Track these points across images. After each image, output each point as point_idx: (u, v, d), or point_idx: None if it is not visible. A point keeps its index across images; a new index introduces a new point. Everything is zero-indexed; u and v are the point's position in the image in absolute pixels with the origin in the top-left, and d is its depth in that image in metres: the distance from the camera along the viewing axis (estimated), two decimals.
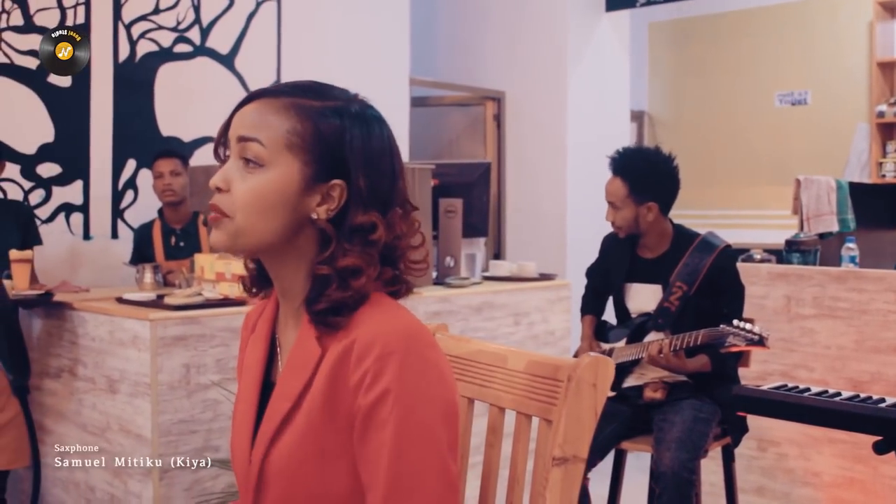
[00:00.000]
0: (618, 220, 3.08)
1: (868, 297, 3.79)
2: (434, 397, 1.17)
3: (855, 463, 3.81)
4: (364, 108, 1.28)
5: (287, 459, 1.22)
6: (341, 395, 1.19)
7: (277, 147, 1.22)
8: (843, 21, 6.94)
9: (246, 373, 1.35)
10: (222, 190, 1.23)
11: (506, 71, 6.48)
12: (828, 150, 6.93)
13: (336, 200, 1.23)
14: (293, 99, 1.24)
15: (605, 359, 1.25)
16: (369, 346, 1.16)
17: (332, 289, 1.20)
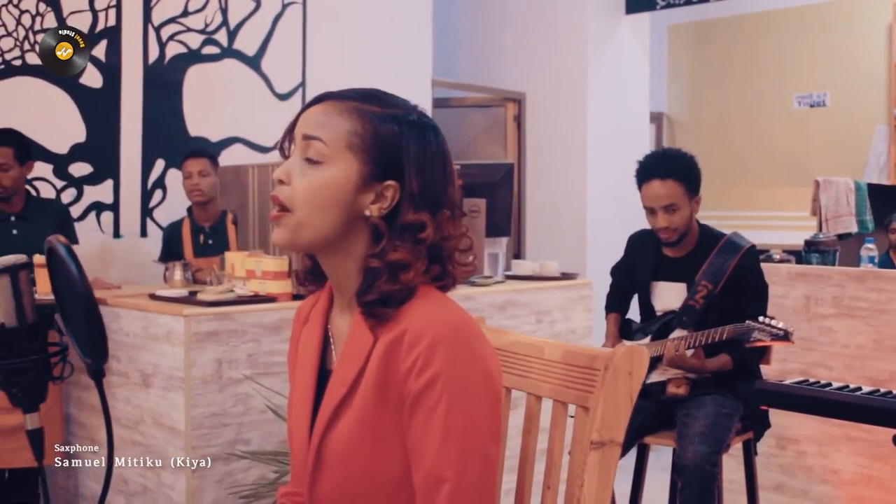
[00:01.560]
0: (676, 221, 3.05)
1: (887, 296, 3.84)
2: (479, 385, 1.25)
3: (874, 461, 3.86)
4: (421, 118, 1.36)
5: (343, 442, 1.29)
6: (392, 381, 1.26)
7: (338, 146, 1.30)
8: (862, 23, 6.97)
9: (301, 361, 1.43)
10: (283, 182, 1.31)
11: (526, 72, 6.54)
12: (846, 152, 6.96)
13: (389, 200, 1.31)
14: (356, 103, 1.33)
15: (640, 348, 1.32)
16: (420, 335, 1.24)
17: (382, 281, 1.28)
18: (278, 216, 1.31)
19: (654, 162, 3.11)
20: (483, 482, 1.24)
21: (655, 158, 3.13)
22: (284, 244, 1.33)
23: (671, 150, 3.20)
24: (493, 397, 1.27)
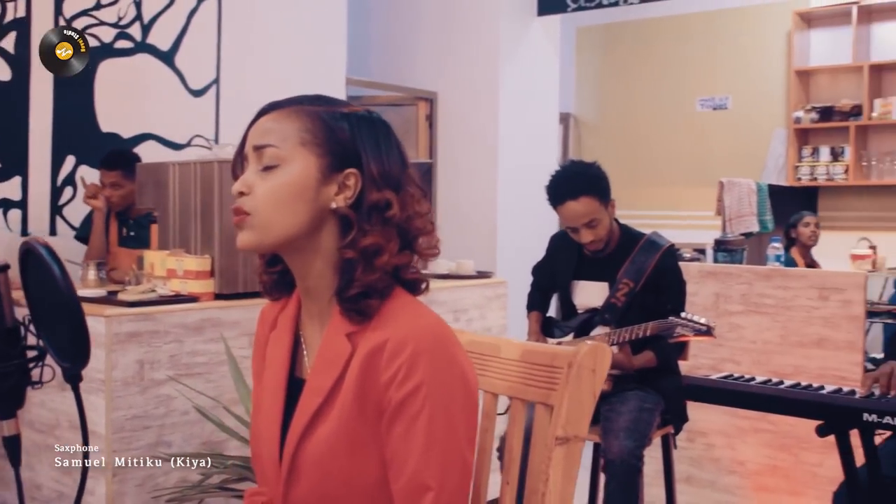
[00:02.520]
0: (599, 232, 3.10)
1: (792, 293, 4.00)
2: (459, 393, 1.27)
3: (778, 451, 4.02)
4: (368, 112, 1.38)
5: (320, 451, 1.29)
6: (371, 390, 1.27)
7: (291, 145, 1.31)
8: (762, 30, 7.23)
9: (270, 368, 1.42)
10: (244, 193, 1.31)
11: (439, 72, 6.57)
12: (747, 154, 7.20)
13: (352, 189, 1.31)
14: (300, 106, 1.34)
15: (603, 346, 1.36)
16: (402, 345, 1.25)
17: (360, 272, 1.29)
18: (241, 219, 1.31)
19: (563, 184, 3.12)
20: (462, 488, 1.27)
21: (563, 180, 3.14)
22: (251, 247, 1.32)
23: (575, 167, 3.20)
24: (472, 405, 1.29)
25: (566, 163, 3.25)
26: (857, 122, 6.68)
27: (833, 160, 6.84)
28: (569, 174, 3.14)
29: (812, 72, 7.06)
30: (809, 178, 6.94)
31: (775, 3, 7.11)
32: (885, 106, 6.60)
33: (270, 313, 1.48)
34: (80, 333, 1.16)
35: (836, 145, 6.84)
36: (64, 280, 1.16)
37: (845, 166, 6.75)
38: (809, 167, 6.94)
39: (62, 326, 1.18)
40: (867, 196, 6.75)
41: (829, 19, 6.93)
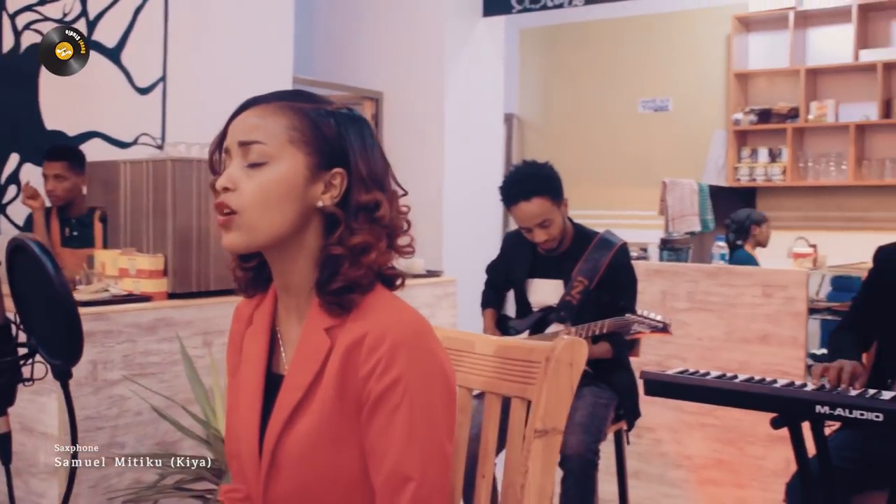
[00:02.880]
0: (552, 232, 3.14)
1: (737, 291, 4.10)
2: (438, 386, 1.29)
3: (724, 445, 4.12)
4: (350, 110, 1.39)
5: (301, 445, 1.30)
6: (351, 383, 1.29)
7: (279, 143, 1.31)
8: (702, 33, 7.37)
9: (247, 364, 1.42)
10: (230, 189, 1.30)
11: (384, 72, 6.58)
12: (687, 155, 7.33)
13: (338, 188, 1.32)
14: (285, 102, 1.34)
15: (580, 340, 1.40)
16: (381, 338, 1.27)
17: (346, 268, 1.30)
18: (227, 220, 1.30)
19: (515, 185, 3.17)
20: (442, 479, 1.29)
21: (516, 181, 3.18)
22: (239, 247, 1.32)
23: (527, 168, 3.24)
24: (450, 397, 1.31)
25: (519, 163, 3.28)
26: (794, 124, 6.84)
27: (771, 161, 7.00)
28: (521, 175, 3.18)
29: (750, 75, 7.21)
30: (748, 178, 7.09)
31: (715, 8, 7.25)
32: (820, 109, 6.78)
33: (245, 310, 1.48)
34: (74, 329, 1.16)
35: (774, 147, 7.00)
36: (58, 276, 1.15)
37: (783, 167, 6.91)
38: (748, 168, 7.10)
39: (54, 323, 1.17)
40: (804, 196, 6.92)
41: (767, 24, 7.08)
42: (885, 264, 2.79)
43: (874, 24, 6.71)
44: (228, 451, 1.46)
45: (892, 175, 6.49)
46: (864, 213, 6.70)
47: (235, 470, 1.46)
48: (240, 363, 1.46)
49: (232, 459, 1.46)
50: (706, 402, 2.51)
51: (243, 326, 1.47)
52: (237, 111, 1.36)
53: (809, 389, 2.28)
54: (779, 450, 3.95)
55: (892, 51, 6.51)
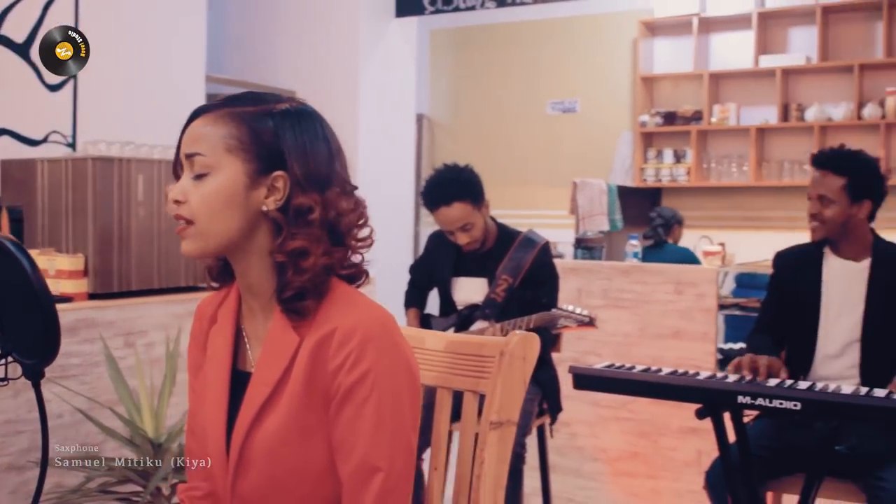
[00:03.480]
0: (475, 234, 3.21)
1: (650, 288, 4.23)
2: (404, 379, 1.34)
3: (638, 438, 4.24)
4: (294, 106, 1.41)
5: (270, 441, 1.33)
6: (319, 378, 1.32)
7: (218, 153, 1.35)
8: (609, 37, 7.53)
9: (212, 362, 1.44)
10: (180, 201, 1.35)
11: (297, 70, 6.55)
12: (595, 156, 7.49)
13: (281, 191, 1.35)
14: (228, 108, 1.38)
15: (533, 335, 1.45)
16: (351, 333, 1.31)
17: (290, 274, 1.34)
18: (183, 228, 1.35)
19: (436, 190, 3.23)
20: (408, 470, 1.33)
21: (436, 187, 3.24)
22: (194, 254, 1.36)
23: (447, 173, 3.28)
24: (416, 390, 1.36)
25: (439, 168, 3.32)
26: (698, 126, 7.06)
27: (676, 162, 7.21)
28: (441, 181, 3.23)
29: (656, 78, 7.41)
30: (654, 179, 7.28)
31: (622, 13, 7.41)
32: (723, 112, 7.01)
33: (208, 308, 1.50)
34: (52, 328, 1.16)
35: (679, 148, 7.21)
36: (35, 274, 1.15)
37: (687, 168, 7.12)
38: (654, 169, 7.29)
39: (29, 322, 1.17)
40: (708, 196, 7.15)
41: (672, 29, 7.28)
42: (782, 269, 2.94)
43: (773, 31, 6.97)
44: (189, 449, 1.48)
45: (791, 176, 6.75)
46: (765, 213, 6.95)
47: (195, 468, 1.47)
48: (203, 361, 1.47)
49: (191, 457, 1.47)
50: (633, 395, 2.60)
51: (206, 324, 1.49)
52: (189, 120, 1.39)
53: (731, 381, 2.38)
54: (690, 441, 4.09)
55: (789, 57, 6.77)
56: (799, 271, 2.87)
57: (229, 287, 1.48)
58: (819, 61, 6.66)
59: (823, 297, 2.81)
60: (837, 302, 2.79)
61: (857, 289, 2.77)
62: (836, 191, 2.74)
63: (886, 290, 2.72)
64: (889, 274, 2.73)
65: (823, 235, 2.78)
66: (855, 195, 2.74)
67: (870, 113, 6.46)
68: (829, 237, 2.79)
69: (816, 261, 2.85)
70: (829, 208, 2.75)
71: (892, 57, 6.44)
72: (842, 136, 6.49)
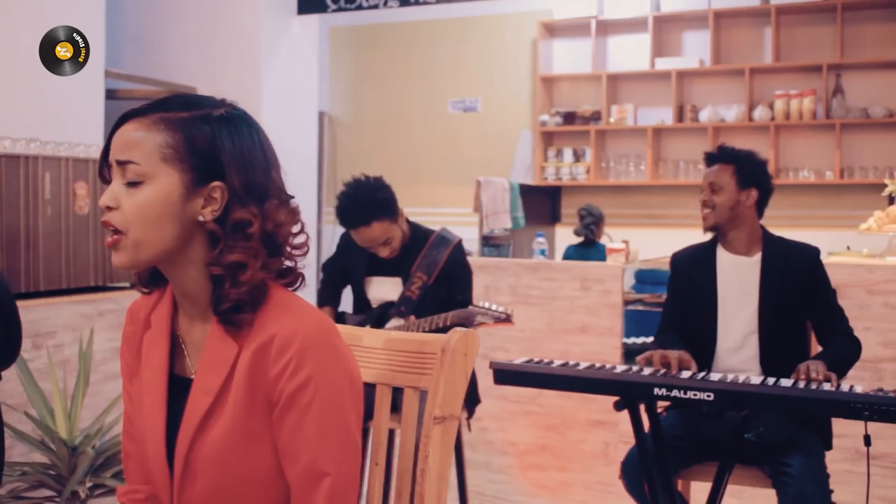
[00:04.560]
0: (393, 244, 3.27)
1: (557, 285, 4.32)
2: (346, 382, 1.35)
3: (547, 431, 4.34)
4: (230, 111, 1.39)
5: (215, 449, 1.33)
6: (260, 385, 1.33)
7: (153, 162, 1.31)
8: (509, 37, 7.64)
9: (148, 368, 1.42)
10: (112, 208, 1.32)
11: (198, 67, 6.45)
12: (496, 154, 7.59)
13: (218, 201, 1.34)
14: (161, 114, 1.34)
15: (473, 332, 1.49)
16: (289, 340, 1.31)
17: (227, 287, 1.32)
18: (115, 240, 1.32)
19: (352, 212, 3.23)
20: (355, 472, 1.35)
21: (352, 209, 3.23)
22: (126, 265, 1.33)
23: (362, 193, 3.25)
24: (358, 392, 1.37)
25: (351, 184, 3.26)
26: (597, 126, 7.22)
27: (575, 161, 7.36)
28: (358, 203, 3.20)
29: (555, 79, 7.55)
30: (555, 177, 7.42)
31: (521, 13, 7.53)
32: (620, 112, 7.19)
33: (140, 311, 1.48)
34: (14, 331, 1.13)
35: (578, 147, 7.36)
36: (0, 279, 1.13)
37: (587, 167, 7.28)
38: (554, 167, 7.43)
39: None
40: (606, 195, 7.32)
41: (571, 30, 7.44)
42: (679, 269, 3.06)
43: (668, 34, 7.18)
44: (126, 451, 1.47)
45: (686, 175, 6.98)
46: (662, 211, 7.17)
47: (133, 470, 1.46)
48: (137, 365, 1.46)
49: (129, 460, 1.46)
50: (553, 389, 2.67)
51: (139, 328, 1.46)
52: (118, 123, 1.35)
53: (647, 374, 2.47)
54: (597, 434, 4.21)
55: (684, 60, 6.99)
56: (695, 270, 2.99)
57: (162, 290, 1.46)
58: (712, 64, 6.90)
59: (720, 292, 2.93)
60: (733, 296, 2.92)
61: (751, 282, 2.90)
62: (725, 178, 2.90)
63: (778, 281, 2.86)
64: (779, 266, 2.87)
65: (714, 222, 2.90)
66: (742, 182, 2.89)
67: (760, 115, 6.72)
68: (720, 223, 2.91)
69: (710, 258, 2.98)
70: (718, 194, 2.89)
71: (780, 62, 6.72)
72: (734, 137, 6.76)
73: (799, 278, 2.85)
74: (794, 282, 2.85)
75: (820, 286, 2.87)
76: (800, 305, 2.85)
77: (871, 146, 6.60)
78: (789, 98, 6.66)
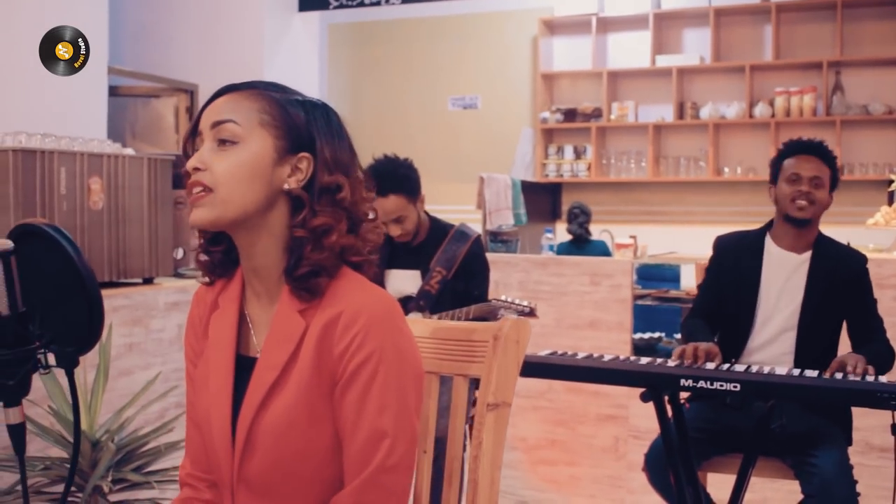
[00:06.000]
0: (407, 226, 3.25)
1: (567, 280, 4.33)
2: (409, 363, 1.37)
3: (556, 426, 4.35)
4: (321, 102, 1.46)
5: (277, 424, 1.34)
6: (326, 361, 1.34)
7: (251, 124, 1.36)
8: (509, 35, 7.65)
9: (215, 348, 1.44)
10: (199, 169, 1.35)
11: (199, 63, 6.46)
12: (496, 151, 7.60)
13: (304, 172, 1.38)
14: (259, 89, 1.40)
15: (525, 320, 1.50)
16: (356, 317, 1.33)
17: (309, 250, 1.35)
18: (200, 196, 1.34)
19: (373, 181, 3.24)
20: (411, 449, 1.36)
21: (374, 177, 3.26)
22: (208, 223, 1.36)
23: (385, 165, 3.31)
24: (419, 375, 1.40)
25: (379, 158, 3.35)
26: (598, 123, 7.25)
27: (576, 158, 7.38)
28: (378, 172, 3.24)
29: (556, 76, 7.57)
30: (556, 174, 7.44)
31: (522, 10, 7.54)
32: (621, 109, 7.21)
33: (207, 295, 1.50)
34: (96, 314, 1.14)
35: (579, 144, 7.38)
36: (80, 259, 1.13)
37: (588, 164, 7.31)
38: (555, 164, 7.45)
39: (71, 308, 1.15)
40: (607, 191, 7.35)
41: (571, 28, 7.45)
42: (723, 253, 3.05)
43: (668, 31, 7.21)
44: (190, 437, 1.48)
45: (686, 172, 7.00)
46: (663, 208, 7.19)
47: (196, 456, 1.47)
48: (201, 348, 1.48)
49: (192, 445, 1.48)
50: (578, 381, 2.69)
51: (206, 311, 1.48)
52: (212, 98, 1.41)
53: (672, 365, 2.49)
54: (608, 428, 4.22)
55: (684, 57, 7.02)
56: (742, 255, 2.98)
57: (228, 277, 1.48)
58: (712, 61, 6.93)
59: (763, 283, 2.92)
60: (777, 290, 2.91)
61: (797, 280, 2.89)
62: (826, 177, 2.89)
63: (824, 283, 2.86)
64: (827, 268, 2.88)
65: (811, 215, 2.86)
66: (832, 186, 2.91)
67: (760, 112, 6.75)
68: (813, 218, 2.88)
69: (757, 248, 2.97)
70: (820, 191, 2.87)
71: (780, 59, 6.75)
72: (734, 134, 6.79)
73: (845, 283, 2.86)
74: (839, 285, 2.86)
75: (864, 293, 2.89)
76: (841, 309, 2.87)
77: (871, 143, 6.64)
78: (790, 95, 6.70)
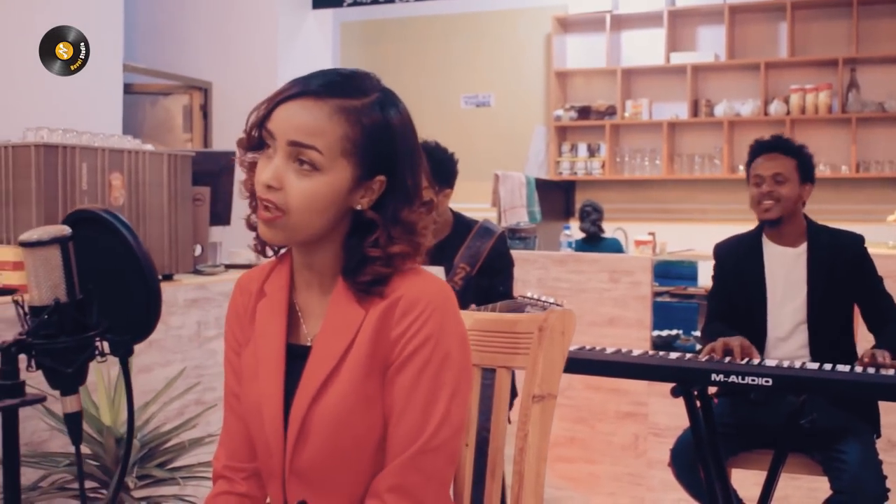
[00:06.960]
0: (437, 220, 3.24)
1: (586, 277, 4.32)
2: (462, 351, 1.37)
3: (575, 424, 4.34)
4: (392, 94, 1.40)
5: (332, 413, 1.33)
6: (382, 347, 1.34)
7: (333, 154, 1.32)
8: (522, 32, 7.64)
9: (264, 337, 1.42)
10: (274, 188, 1.31)
11: (214, 61, 6.46)
12: (510, 149, 7.59)
13: (376, 192, 1.36)
14: (338, 101, 1.33)
15: (569, 311, 1.49)
16: (415, 302, 1.33)
17: (378, 265, 1.34)
18: (274, 218, 1.32)
19: None
20: (455, 440, 1.35)
21: None
22: (277, 243, 1.38)
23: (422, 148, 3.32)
24: (469, 366, 1.39)
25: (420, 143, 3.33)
26: (612, 121, 7.23)
27: (590, 156, 7.36)
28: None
29: (570, 73, 7.55)
30: (569, 172, 7.42)
31: (536, 8, 7.52)
32: (635, 107, 7.19)
33: (252, 282, 1.48)
34: (154, 302, 1.13)
35: (593, 142, 7.37)
36: (139, 246, 1.12)
37: (601, 162, 7.29)
38: (569, 162, 7.43)
39: (128, 296, 1.14)
40: (621, 189, 7.33)
41: (585, 25, 7.44)
42: (724, 259, 3.04)
43: (683, 29, 7.19)
44: (229, 427, 1.47)
45: (701, 170, 6.98)
46: (677, 205, 7.17)
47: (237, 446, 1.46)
48: (245, 336, 1.46)
49: (231, 436, 1.46)
50: (607, 376, 2.67)
51: (250, 299, 1.47)
52: (286, 95, 1.34)
53: (703, 360, 2.47)
54: (627, 426, 4.20)
55: (699, 54, 7.00)
56: (741, 260, 2.98)
57: (275, 261, 1.46)
58: (727, 59, 6.91)
59: (768, 282, 2.92)
60: (781, 287, 2.91)
61: (798, 273, 2.89)
62: (790, 170, 2.86)
63: (825, 271, 2.85)
64: (825, 256, 2.87)
65: (779, 214, 2.86)
66: (803, 177, 2.88)
67: (775, 109, 6.73)
68: (783, 215, 2.87)
69: (756, 248, 2.97)
70: (784, 186, 2.85)
71: (795, 56, 6.73)
72: (749, 132, 6.76)
73: (846, 267, 2.85)
74: (840, 271, 2.84)
75: (867, 274, 2.87)
76: (848, 294, 2.85)
77: (886, 140, 6.61)
78: (805, 92, 6.68)
